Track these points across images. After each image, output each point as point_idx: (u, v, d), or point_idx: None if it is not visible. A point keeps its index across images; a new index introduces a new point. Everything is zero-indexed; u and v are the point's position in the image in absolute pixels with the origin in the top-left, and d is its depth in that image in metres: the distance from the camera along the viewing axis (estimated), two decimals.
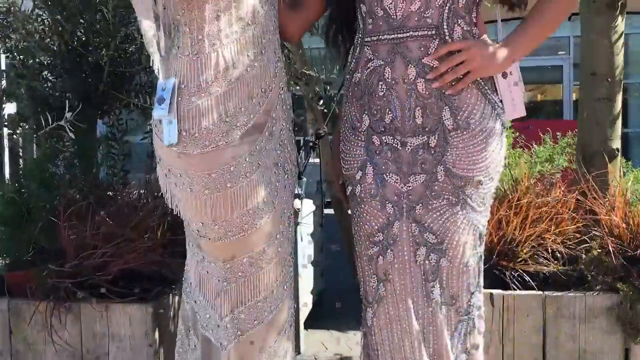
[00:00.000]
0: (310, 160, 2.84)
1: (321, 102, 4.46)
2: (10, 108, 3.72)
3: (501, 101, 2.04)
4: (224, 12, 1.93)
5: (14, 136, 3.61)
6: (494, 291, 2.91)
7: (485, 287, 2.15)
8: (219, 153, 1.93)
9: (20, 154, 3.75)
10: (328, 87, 4.43)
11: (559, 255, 3.03)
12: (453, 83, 1.96)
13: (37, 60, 3.56)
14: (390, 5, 1.99)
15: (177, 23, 1.94)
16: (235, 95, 1.94)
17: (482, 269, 2.11)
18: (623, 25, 3.30)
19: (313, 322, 4.32)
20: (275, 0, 2.10)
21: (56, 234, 3.05)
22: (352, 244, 2.19)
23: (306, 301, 4.12)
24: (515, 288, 2.94)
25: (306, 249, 4.15)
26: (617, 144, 3.38)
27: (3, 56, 3.64)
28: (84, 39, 3.55)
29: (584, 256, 3.00)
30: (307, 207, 4.18)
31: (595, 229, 3.06)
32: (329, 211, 4.61)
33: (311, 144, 4.49)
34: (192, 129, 1.91)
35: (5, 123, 3.55)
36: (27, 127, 3.49)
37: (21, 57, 3.52)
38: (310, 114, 4.59)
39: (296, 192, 2.40)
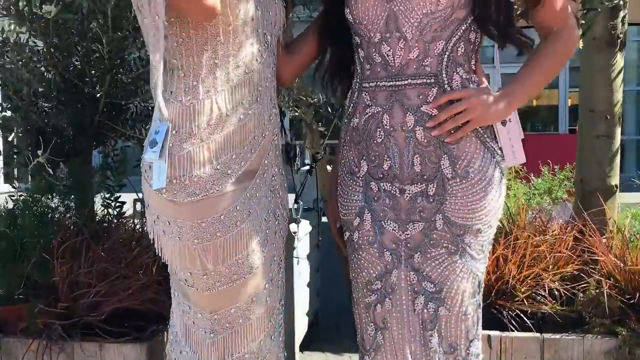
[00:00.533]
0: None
1: (320, 124, 4.45)
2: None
3: (500, 148, 2.03)
4: (222, 59, 1.91)
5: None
6: (492, 333, 2.89)
7: (482, 328, 2.12)
8: (210, 201, 1.90)
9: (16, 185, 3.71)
10: (329, 108, 4.41)
11: (556, 293, 3.01)
12: (452, 131, 1.94)
13: (32, 90, 3.52)
14: (389, 52, 1.97)
15: (172, 67, 1.91)
16: (227, 142, 1.92)
17: (480, 317, 2.08)
18: (622, 62, 3.30)
19: (309, 343, 4.28)
20: (274, 47, 2.08)
21: (49, 269, 3.02)
22: (348, 263, 2.17)
23: (303, 323, 4.08)
24: (513, 329, 2.92)
25: (302, 271, 4.10)
26: (615, 180, 3.37)
27: None
28: (79, 67, 3.53)
29: (581, 295, 2.98)
30: (303, 228, 4.13)
31: (593, 266, 3.04)
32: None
33: (308, 167, 4.50)
34: (182, 177, 1.88)
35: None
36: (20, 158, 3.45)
37: (14, 82, 3.49)
38: (310, 135, 4.57)
39: (293, 216, 2.39)
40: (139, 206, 4.20)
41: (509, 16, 1.95)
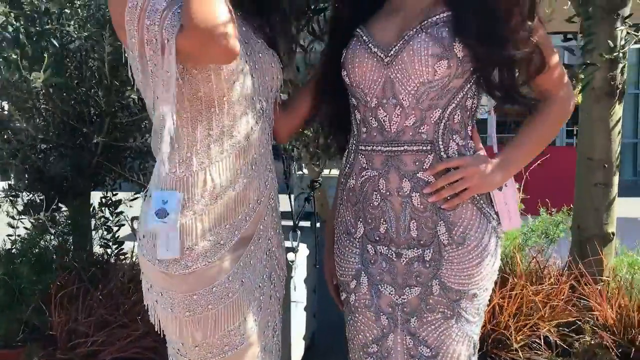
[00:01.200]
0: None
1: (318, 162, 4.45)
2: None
3: (497, 213, 2.03)
4: (216, 130, 1.87)
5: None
6: None
7: None
8: (202, 274, 1.87)
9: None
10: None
11: (552, 341, 3.00)
12: (448, 198, 1.94)
13: (32, 131, 3.52)
14: (385, 118, 1.97)
15: None
16: (221, 213, 1.89)
17: None
18: (621, 111, 3.31)
19: None
20: (271, 112, 2.06)
21: (48, 313, 3.01)
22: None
23: (299, 347, 4.05)
24: None
25: (299, 296, 4.05)
26: (612, 227, 3.38)
27: None
28: (78, 109, 3.53)
29: (577, 345, 2.98)
30: (301, 253, 4.05)
31: (589, 315, 3.04)
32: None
33: (306, 195, 4.47)
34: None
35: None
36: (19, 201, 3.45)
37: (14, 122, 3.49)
38: (307, 163, 4.57)
39: (291, 245, 2.35)
40: (135, 224, 4.17)
41: (511, 80, 1.95)
